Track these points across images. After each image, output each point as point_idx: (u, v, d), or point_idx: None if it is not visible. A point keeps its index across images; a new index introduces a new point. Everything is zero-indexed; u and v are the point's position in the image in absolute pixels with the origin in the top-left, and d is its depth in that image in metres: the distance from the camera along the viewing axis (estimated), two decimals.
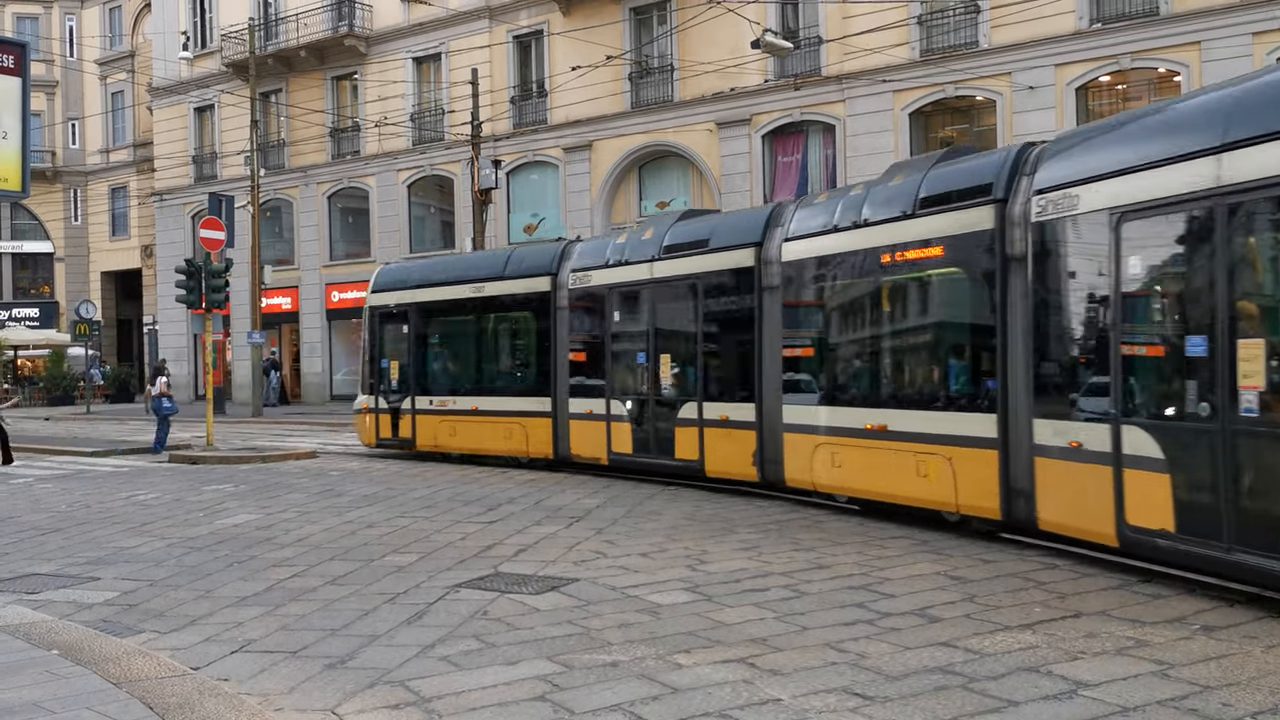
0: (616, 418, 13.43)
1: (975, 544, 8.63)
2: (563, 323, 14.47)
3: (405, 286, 17.22)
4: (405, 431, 16.75)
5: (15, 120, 13.66)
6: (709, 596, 6.89)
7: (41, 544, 9.52)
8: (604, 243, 14.53)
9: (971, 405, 8.98)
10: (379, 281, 17.97)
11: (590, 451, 13.89)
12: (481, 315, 15.96)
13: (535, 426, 14.69)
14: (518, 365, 15.80)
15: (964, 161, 9.64)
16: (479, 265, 16.61)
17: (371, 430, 17.44)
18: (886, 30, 23.50)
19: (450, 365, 16.78)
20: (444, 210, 32.69)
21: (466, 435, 15.82)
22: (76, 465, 17.42)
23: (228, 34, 35.34)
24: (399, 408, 16.85)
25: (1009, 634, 5.86)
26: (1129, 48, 21.65)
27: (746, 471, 11.58)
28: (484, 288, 15.63)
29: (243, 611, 6.76)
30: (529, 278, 14.99)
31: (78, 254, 47.99)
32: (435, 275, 17.06)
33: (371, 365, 17.56)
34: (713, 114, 26.83)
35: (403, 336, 17.12)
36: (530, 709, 4.80)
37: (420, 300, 16.73)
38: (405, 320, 17.00)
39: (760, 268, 11.50)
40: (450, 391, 16.30)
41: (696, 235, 12.68)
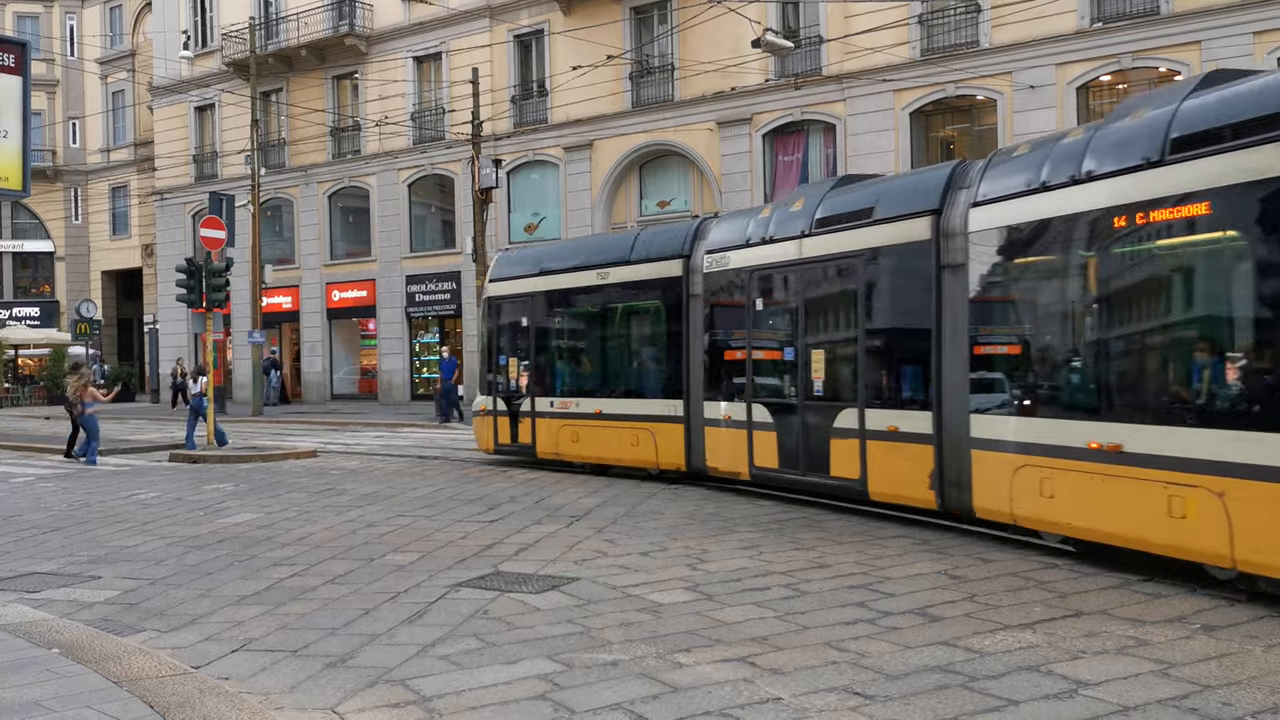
0: (760, 425, 11.43)
1: (975, 543, 8.63)
2: (696, 312, 12.67)
3: (524, 274, 15.48)
4: (525, 437, 15.13)
5: (16, 119, 13.66)
6: (709, 595, 6.89)
7: (42, 543, 9.52)
8: (744, 218, 12.47)
9: (1259, 420, 6.46)
10: (497, 269, 16.48)
11: (728, 464, 11.98)
12: (605, 305, 14.16)
13: (665, 433, 12.90)
14: (645, 362, 13.78)
15: (1241, 84, 7.18)
16: (604, 249, 14.82)
17: (489, 435, 15.88)
18: (887, 30, 23.49)
19: (572, 362, 15.11)
20: (445, 210, 32.70)
21: (589, 442, 14.07)
22: (77, 464, 17.42)
23: (228, 33, 35.35)
24: (518, 410, 15.28)
25: (1009, 633, 5.86)
26: (1130, 47, 21.65)
27: (921, 496, 9.42)
28: (608, 274, 13.82)
29: (243, 610, 6.76)
30: (657, 261, 13.19)
31: (78, 253, 48.00)
32: (556, 261, 15.23)
33: (490, 362, 16.17)
34: (713, 113, 26.84)
35: (521, 330, 15.49)
36: (531, 708, 4.80)
37: (539, 289, 15.05)
38: (524, 311, 15.38)
39: (939, 242, 9.31)
40: (572, 392, 14.53)
41: (857, 204, 10.54)
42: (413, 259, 32.84)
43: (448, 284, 32.01)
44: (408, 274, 32.84)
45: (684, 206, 28.27)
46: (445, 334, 32.88)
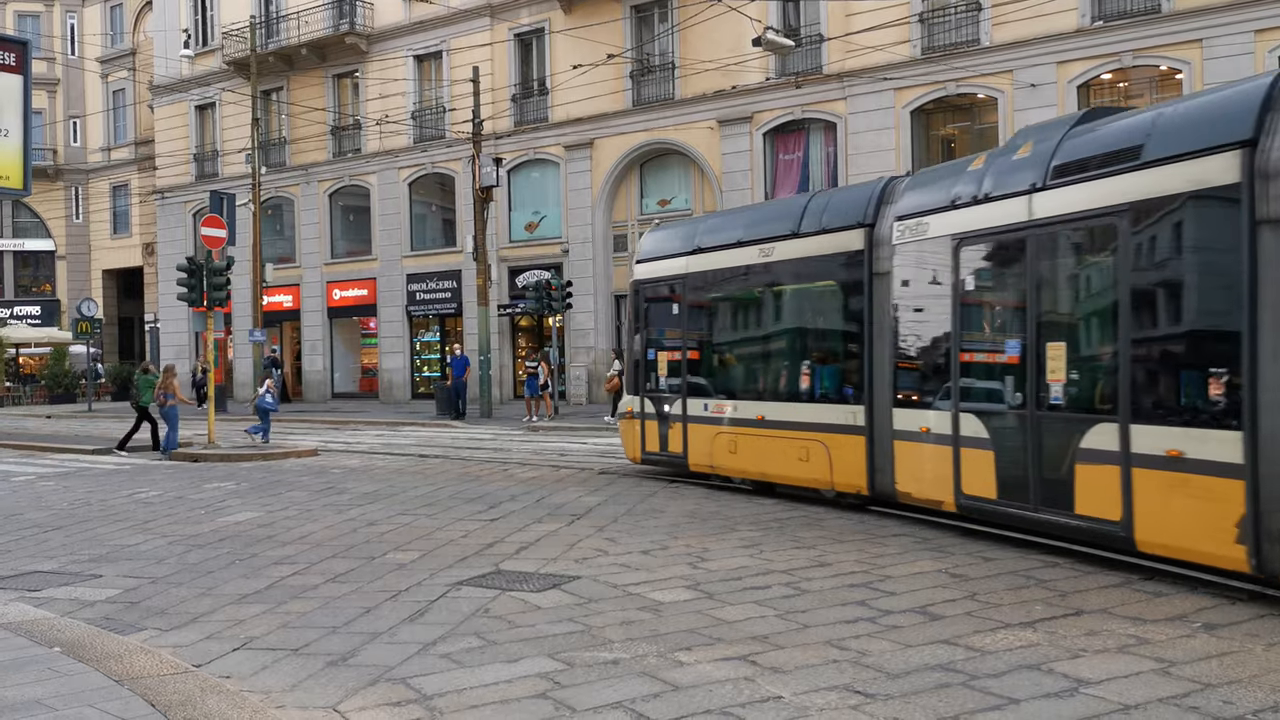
0: (972, 441, 8.79)
1: (976, 542, 8.62)
2: (883, 294, 10.15)
3: (674, 252, 13.28)
4: (674, 445, 12.99)
5: (16, 118, 13.66)
6: (710, 594, 6.89)
7: (43, 542, 9.53)
8: (949, 174, 9.80)
9: None
10: (645, 247, 14.25)
11: (927, 490, 9.41)
12: (769, 287, 11.73)
13: (842, 447, 10.47)
14: (817, 358, 11.21)
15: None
16: (768, 219, 12.25)
17: (637, 441, 13.81)
18: (888, 28, 23.49)
19: (729, 357, 12.75)
20: (445, 208, 32.70)
21: (750, 454, 11.79)
22: (78, 463, 17.44)
23: (229, 32, 35.35)
24: (668, 413, 13.15)
25: (1010, 632, 5.87)
26: (1130, 45, 21.65)
27: (1225, 552, 6.70)
28: (772, 250, 11.48)
29: (244, 609, 6.77)
30: (833, 233, 10.72)
31: (79, 252, 48.01)
32: (712, 235, 12.83)
33: (636, 356, 14.06)
34: (714, 112, 26.83)
35: (672, 318, 13.45)
36: (532, 706, 4.80)
37: (691, 270, 12.81)
38: (675, 297, 13.22)
39: (1254, 186, 6.66)
40: (729, 393, 12.29)
41: (1117, 142, 7.90)
42: (413, 258, 32.84)
43: (448, 283, 32.02)
44: (408, 273, 32.84)
45: (684, 205, 28.27)
46: (446, 333, 32.90)
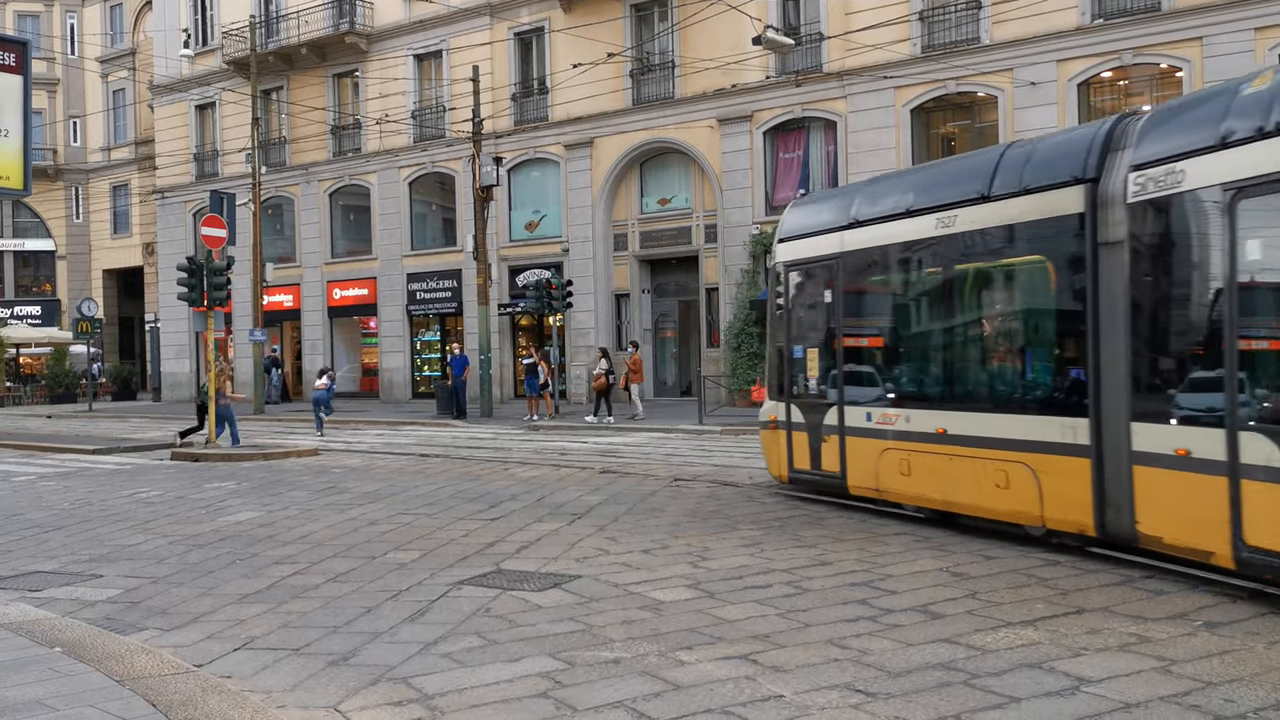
0: (1261, 471, 6.42)
1: (977, 541, 8.62)
2: (1114, 270, 7.79)
3: (826, 227, 10.84)
4: (829, 462, 10.64)
5: (16, 118, 13.66)
6: (711, 593, 6.89)
7: (44, 542, 9.53)
8: (1212, 103, 7.24)
9: None
10: (789, 223, 11.71)
11: (1186, 534, 7.05)
12: (950, 266, 9.34)
13: (1058, 472, 8.06)
14: (1018, 355, 8.88)
15: None
16: (947, 180, 9.73)
17: (782, 455, 11.48)
18: (888, 26, 23.49)
19: (898, 354, 10.18)
20: (445, 208, 32.70)
21: (927, 476, 9.39)
22: (79, 463, 17.44)
23: (229, 31, 35.36)
24: (821, 423, 10.77)
25: (1011, 630, 5.86)
26: (1130, 43, 21.64)
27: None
28: (954, 219, 9.14)
29: (245, 609, 6.77)
30: (1039, 193, 8.33)
31: (79, 252, 48.02)
32: (874, 204, 10.35)
33: (780, 353, 11.64)
34: (714, 111, 26.83)
35: (824, 307, 10.96)
36: (532, 706, 4.80)
37: (848, 248, 10.42)
38: (826, 280, 10.80)
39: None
40: (898, 400, 9.81)
41: None
42: (413, 257, 32.85)
43: (449, 282, 32.03)
44: (408, 272, 32.85)
45: (685, 204, 28.28)
46: (446, 332, 32.91)
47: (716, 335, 27.41)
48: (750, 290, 26.19)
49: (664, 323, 29.79)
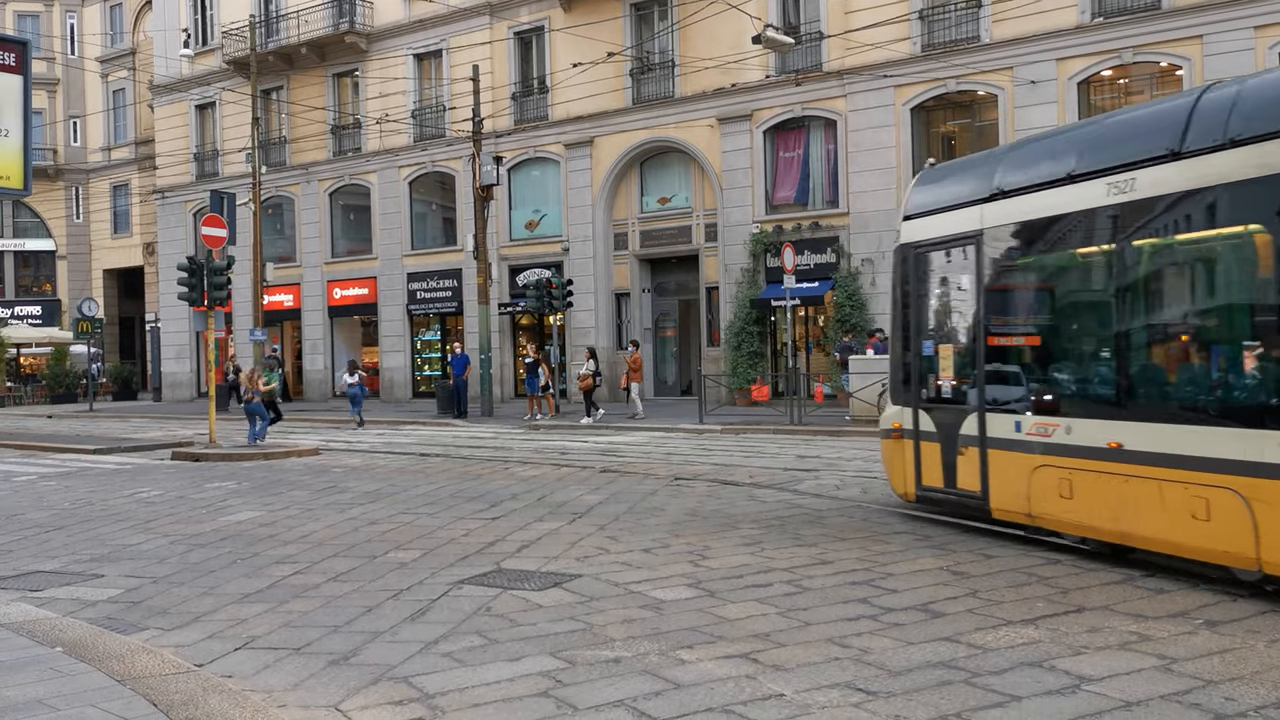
0: None
1: (978, 539, 8.62)
2: None
3: (964, 201, 9.19)
4: (968, 479, 8.92)
5: (17, 118, 13.67)
6: (711, 592, 6.89)
7: (45, 541, 9.54)
8: None
9: None
10: (917, 198, 10.00)
11: None
12: (1127, 241, 7.61)
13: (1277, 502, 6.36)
14: (1219, 352, 7.12)
15: None
16: (1122, 135, 8.06)
17: (908, 470, 9.75)
18: (888, 25, 23.49)
19: (1055, 351, 8.54)
20: (445, 207, 32.71)
21: (1095, 501, 7.67)
22: (79, 463, 17.45)
23: (229, 31, 35.36)
24: (956, 432, 9.09)
25: (1012, 629, 5.86)
26: (1130, 42, 21.65)
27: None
28: (1132, 182, 7.49)
29: (246, 608, 6.77)
30: (1253, 144, 6.65)
31: (79, 252, 48.03)
32: (1024, 172, 8.64)
33: (905, 349, 9.98)
34: (714, 110, 26.82)
35: (961, 296, 9.42)
36: (533, 705, 4.80)
37: (993, 224, 8.77)
38: (966, 263, 9.17)
39: None
40: (1057, 406, 8.19)
41: None
42: (414, 256, 32.85)
43: (449, 281, 32.03)
44: (409, 271, 32.86)
45: (685, 203, 28.28)
46: (446, 331, 32.91)
47: (717, 334, 27.41)
48: (750, 289, 26.19)
49: (664, 322, 29.80)
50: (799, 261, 23.59)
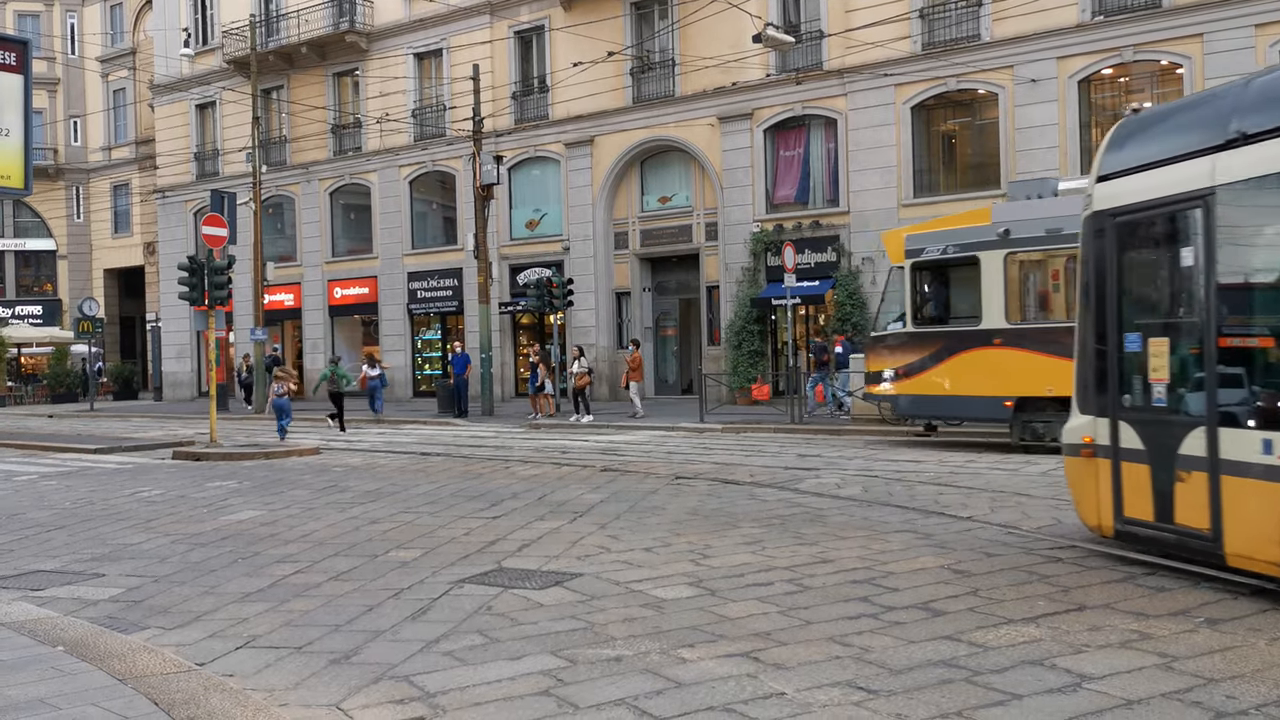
0: None
1: (978, 538, 8.62)
2: None
3: (1184, 153, 7.09)
4: (1191, 514, 6.87)
5: (17, 117, 13.68)
6: (712, 591, 6.89)
7: (46, 541, 9.54)
8: None
9: None
10: (1116, 151, 7.88)
11: None
12: None
13: None
14: None
15: None
16: None
17: (1103, 497, 7.70)
18: (888, 24, 23.49)
19: None
20: (446, 206, 32.72)
21: None
22: (80, 462, 17.45)
23: (229, 31, 35.36)
24: (1174, 451, 7.04)
25: (1013, 627, 5.86)
26: (1131, 40, 21.64)
27: None
28: None
29: (247, 607, 6.77)
30: None
31: (80, 251, 48.04)
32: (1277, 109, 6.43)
33: (1099, 343, 7.86)
34: (714, 109, 26.82)
35: (1180, 276, 7.28)
36: (535, 703, 4.80)
37: (1228, 180, 6.68)
38: (1190, 232, 7.03)
39: None
40: None
41: None
42: (414, 256, 32.86)
43: (449, 280, 32.04)
44: (409, 271, 32.87)
45: (685, 202, 28.28)
46: (447, 331, 32.92)
47: (717, 333, 27.41)
48: (751, 288, 26.19)
49: (665, 321, 29.80)
50: (799, 260, 23.58)
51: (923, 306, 15.86)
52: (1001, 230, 14.78)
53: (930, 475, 12.74)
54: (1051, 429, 14.18)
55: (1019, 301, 14.99)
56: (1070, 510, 9.57)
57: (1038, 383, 14.48)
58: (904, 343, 16.03)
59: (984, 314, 14.95)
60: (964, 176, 24.24)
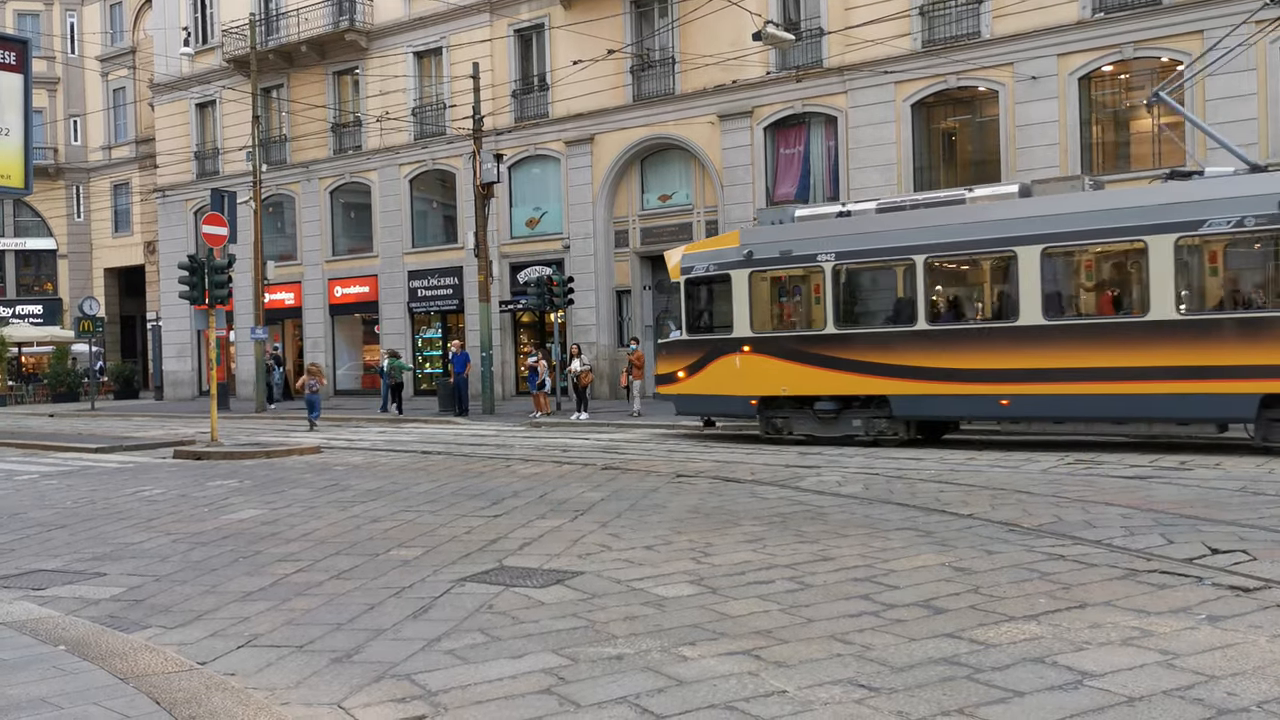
0: None
1: (980, 535, 8.62)
2: None
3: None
4: None
5: (17, 117, 13.66)
6: (714, 589, 6.89)
7: (47, 540, 9.54)
8: None
9: None
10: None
11: None
12: None
13: None
14: None
15: None
16: None
17: None
18: (888, 21, 23.48)
19: None
20: (446, 205, 32.71)
21: None
22: (81, 462, 17.46)
23: (228, 29, 35.35)
24: None
25: (1014, 625, 5.86)
26: (1131, 37, 21.63)
27: None
28: None
29: (249, 606, 6.77)
30: None
31: (80, 251, 48.05)
32: None
33: None
34: (714, 106, 26.81)
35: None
36: (536, 702, 4.80)
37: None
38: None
39: None
40: None
41: None
42: (414, 254, 32.86)
43: (450, 279, 32.03)
44: (410, 269, 32.86)
45: (685, 200, 28.27)
46: (447, 329, 32.92)
47: None
48: None
49: (665, 319, 29.78)
50: None
51: (693, 317, 18.08)
52: (746, 252, 17.12)
53: (931, 473, 12.74)
54: (789, 424, 17.15)
55: (761, 314, 17.29)
56: (1071, 508, 9.61)
57: (775, 384, 16.95)
58: (680, 349, 18.26)
59: (735, 325, 17.24)
60: (964, 174, 24.23)
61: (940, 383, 15.26)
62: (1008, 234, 14.75)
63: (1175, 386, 13.63)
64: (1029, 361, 14.56)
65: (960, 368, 15.06)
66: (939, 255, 15.37)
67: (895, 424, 16.12)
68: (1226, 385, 13.35)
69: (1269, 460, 13.01)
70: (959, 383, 15.14)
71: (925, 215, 15.57)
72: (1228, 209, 13.34)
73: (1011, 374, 14.72)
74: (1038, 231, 14.50)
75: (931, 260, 15.37)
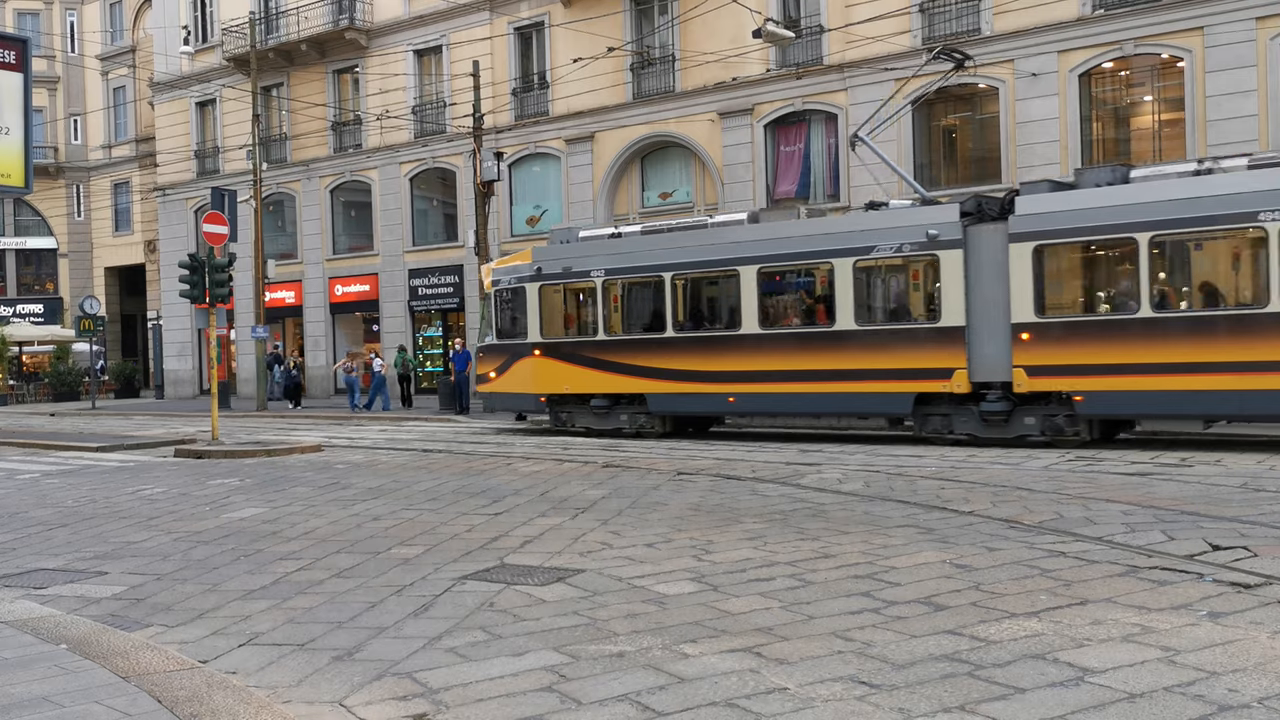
0: None
1: (981, 532, 8.63)
2: None
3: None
4: None
5: (17, 116, 13.66)
6: (715, 586, 6.89)
7: (48, 539, 9.55)
8: None
9: None
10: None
11: None
12: None
13: None
14: None
15: None
16: None
17: None
18: (888, 18, 23.46)
19: None
20: (446, 203, 32.71)
21: None
22: (82, 461, 17.47)
23: (228, 28, 35.35)
24: None
25: (1015, 621, 5.86)
26: (1132, 34, 21.61)
27: None
28: None
29: (250, 605, 6.78)
30: None
31: (81, 250, 48.05)
32: None
33: None
34: (714, 104, 26.80)
35: None
36: (537, 699, 4.80)
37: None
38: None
39: None
40: None
41: None
42: (415, 253, 32.86)
43: (450, 277, 32.03)
44: (410, 268, 32.86)
45: (686, 198, 28.26)
46: (448, 328, 32.92)
47: None
48: None
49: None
50: None
51: (501, 324, 20.28)
52: (536, 268, 19.47)
53: (932, 470, 12.75)
54: (572, 418, 19.45)
55: (549, 322, 19.54)
56: (1072, 505, 9.62)
57: (560, 383, 19.29)
58: (492, 353, 20.58)
59: (529, 331, 19.58)
60: (965, 171, 24.22)
61: (684, 383, 17.68)
62: (733, 255, 17.21)
63: (856, 386, 15.98)
64: (749, 364, 16.97)
65: (699, 370, 17.52)
66: (682, 273, 17.83)
67: (653, 419, 18.51)
68: (891, 385, 15.79)
69: (1270, 457, 13.02)
70: (698, 383, 17.55)
71: (675, 238, 18.04)
72: (892, 237, 15.68)
73: (737, 375, 17.12)
74: (755, 254, 16.94)
75: (676, 277, 17.87)
